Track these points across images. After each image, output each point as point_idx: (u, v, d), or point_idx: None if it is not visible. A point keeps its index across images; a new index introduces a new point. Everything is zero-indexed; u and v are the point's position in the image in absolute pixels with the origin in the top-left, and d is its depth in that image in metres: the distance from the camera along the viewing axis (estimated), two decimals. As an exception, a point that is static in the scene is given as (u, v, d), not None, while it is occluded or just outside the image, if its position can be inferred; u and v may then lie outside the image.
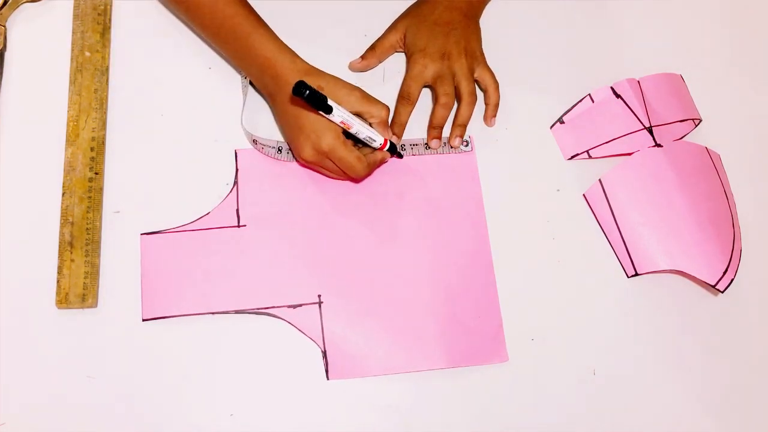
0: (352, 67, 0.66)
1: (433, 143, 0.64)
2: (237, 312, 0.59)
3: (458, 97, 0.65)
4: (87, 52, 0.65)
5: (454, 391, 0.60)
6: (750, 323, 0.66)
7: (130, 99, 0.64)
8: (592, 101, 0.68)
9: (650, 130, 0.67)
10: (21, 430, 0.56)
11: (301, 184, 0.63)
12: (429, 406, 0.60)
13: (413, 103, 0.64)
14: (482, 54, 0.66)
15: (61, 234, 0.60)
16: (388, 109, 0.60)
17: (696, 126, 0.70)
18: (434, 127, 0.64)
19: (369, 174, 0.61)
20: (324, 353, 0.59)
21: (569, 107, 0.69)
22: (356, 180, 0.62)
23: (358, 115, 0.59)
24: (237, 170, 0.62)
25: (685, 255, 0.63)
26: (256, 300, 0.59)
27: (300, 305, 0.60)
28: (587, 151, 0.68)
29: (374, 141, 0.60)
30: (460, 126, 0.65)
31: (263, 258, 0.61)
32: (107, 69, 0.65)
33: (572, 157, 0.68)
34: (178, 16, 0.66)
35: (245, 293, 0.59)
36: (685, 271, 0.63)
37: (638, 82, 0.69)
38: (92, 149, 0.62)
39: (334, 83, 0.58)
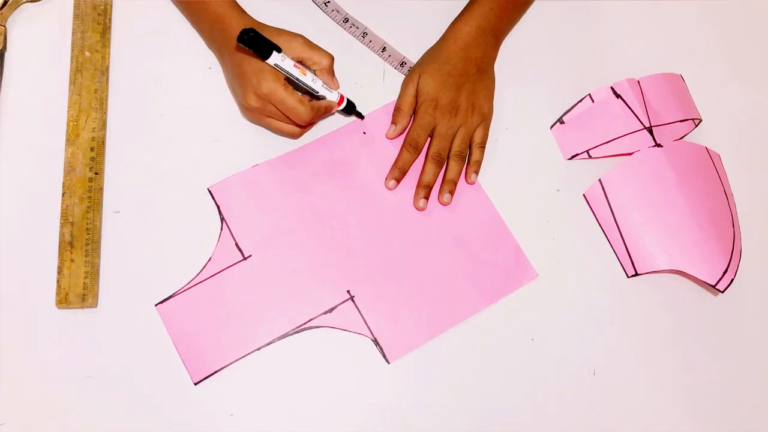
0: (389, 136, 0.65)
1: (421, 203, 0.63)
2: (279, 338, 0.59)
3: (449, 153, 0.64)
4: (87, 52, 0.65)
5: (453, 390, 0.60)
6: (750, 323, 0.66)
7: (130, 99, 0.64)
8: (592, 101, 0.68)
9: (650, 130, 0.67)
10: (21, 430, 0.56)
11: (283, 194, 0.63)
12: (429, 406, 0.60)
13: (419, 152, 0.64)
14: (491, 111, 0.66)
15: (61, 234, 0.60)
16: (332, 57, 0.61)
17: (696, 126, 0.70)
18: (424, 186, 0.64)
19: (314, 121, 0.62)
20: (375, 341, 0.60)
21: (569, 107, 0.69)
22: (301, 127, 0.61)
23: (300, 62, 0.59)
24: (218, 207, 0.62)
25: (685, 255, 0.63)
26: (292, 320, 0.60)
27: (334, 307, 0.60)
28: (587, 151, 0.68)
29: (329, 93, 0.61)
30: (449, 182, 0.64)
31: (281, 278, 0.61)
32: (107, 69, 0.65)
33: (572, 157, 0.68)
34: None
35: (279, 318, 0.60)
36: (685, 271, 0.63)
37: (638, 82, 0.69)
38: (92, 149, 0.62)
39: (277, 32, 0.59)
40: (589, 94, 0.69)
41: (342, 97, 0.62)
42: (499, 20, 0.67)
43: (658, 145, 0.66)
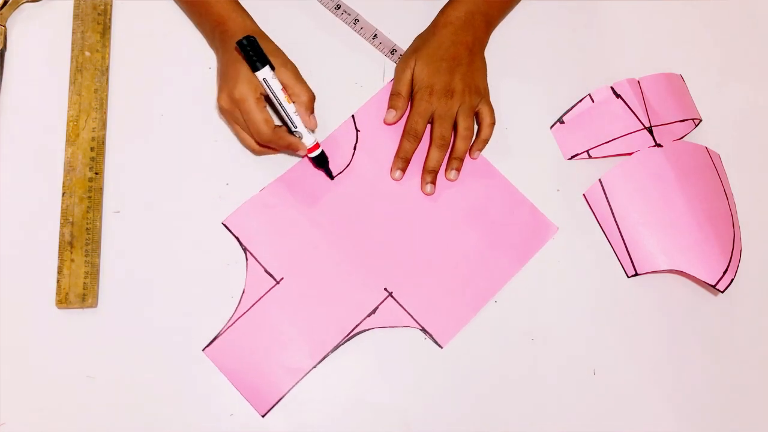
0: (388, 121, 0.66)
1: (428, 188, 0.64)
2: (333, 350, 0.59)
3: (455, 132, 0.65)
4: (87, 52, 0.65)
5: (453, 391, 0.60)
6: (750, 323, 0.66)
7: (130, 99, 0.64)
8: (592, 101, 0.68)
9: (650, 130, 0.67)
10: (21, 430, 0.56)
11: (297, 210, 0.63)
12: (429, 405, 0.60)
13: (419, 140, 0.64)
14: (486, 89, 0.66)
15: (61, 234, 0.60)
16: (313, 95, 0.60)
17: (696, 126, 0.70)
18: (429, 171, 0.64)
19: (272, 146, 0.60)
20: (423, 330, 0.61)
21: (569, 107, 0.69)
22: (258, 144, 0.60)
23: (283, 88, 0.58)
24: (237, 239, 0.62)
25: (685, 255, 0.63)
26: (340, 330, 0.60)
27: (377, 307, 0.61)
28: (587, 151, 0.68)
29: (306, 135, 0.60)
30: (456, 159, 0.64)
31: (318, 293, 0.61)
32: (107, 69, 0.65)
33: (572, 157, 0.68)
34: None
35: (326, 331, 0.60)
36: (685, 271, 0.63)
37: (638, 82, 0.69)
38: (92, 149, 0.62)
39: (273, 51, 0.59)
40: (589, 94, 0.69)
41: (317, 145, 0.61)
42: (489, 6, 0.66)
43: (658, 145, 0.66)
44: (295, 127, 0.59)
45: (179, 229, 0.61)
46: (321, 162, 0.62)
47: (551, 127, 0.69)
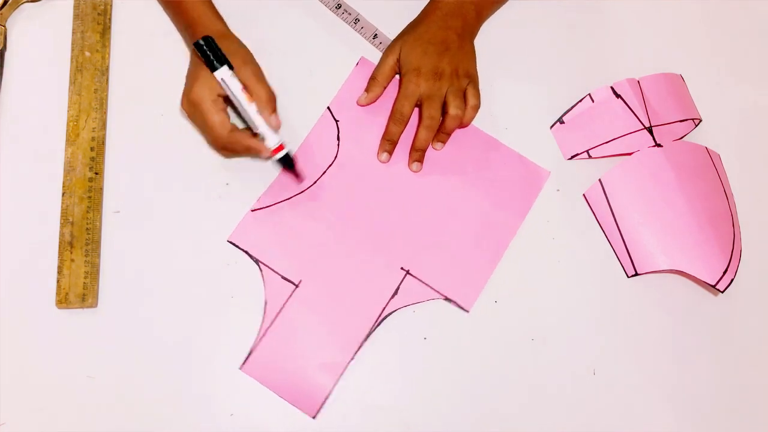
0: (360, 103, 0.66)
1: (414, 166, 0.65)
2: (365, 339, 0.60)
3: (444, 111, 0.64)
4: (87, 52, 0.65)
5: (453, 391, 0.60)
6: (750, 323, 0.66)
7: (130, 99, 0.64)
8: (592, 101, 0.68)
9: (650, 130, 0.67)
10: (21, 430, 0.56)
11: (297, 212, 0.63)
12: (429, 406, 0.60)
13: (406, 122, 0.64)
14: (476, 74, 0.66)
15: (61, 234, 0.60)
16: (274, 97, 0.58)
17: (696, 126, 0.70)
18: (416, 150, 0.64)
19: (229, 150, 0.59)
20: (446, 298, 0.62)
21: (569, 107, 0.69)
22: (215, 146, 0.59)
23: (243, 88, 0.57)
24: (247, 253, 0.61)
25: (685, 255, 0.63)
26: (368, 318, 0.61)
27: (398, 288, 0.62)
28: (587, 151, 0.68)
29: (269, 135, 0.58)
30: (443, 133, 0.65)
31: (339, 287, 0.61)
32: (107, 69, 0.65)
33: (572, 157, 0.68)
34: None
35: (355, 323, 0.60)
36: (685, 271, 0.63)
37: (638, 82, 0.69)
38: (92, 149, 0.62)
39: (235, 50, 0.58)
40: (589, 94, 0.69)
41: (282, 146, 0.59)
42: None
43: (658, 145, 0.66)
44: (257, 128, 0.58)
45: (179, 229, 0.61)
46: (287, 163, 0.61)
47: (551, 127, 0.69)
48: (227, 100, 0.58)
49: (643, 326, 0.64)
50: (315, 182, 0.64)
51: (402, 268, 0.62)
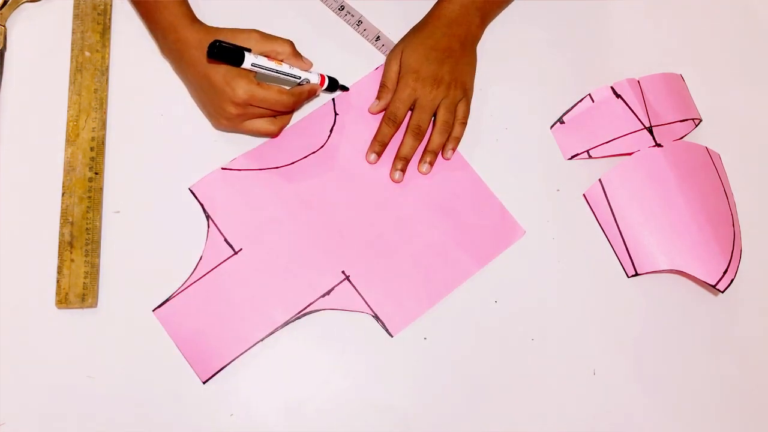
0: (372, 111, 0.66)
1: (396, 175, 0.64)
2: (281, 326, 0.59)
3: (433, 123, 0.64)
4: (87, 52, 0.65)
5: (453, 390, 0.60)
6: (750, 323, 0.66)
7: (130, 99, 0.64)
8: (592, 101, 0.68)
9: (650, 130, 0.67)
10: (21, 430, 0.56)
11: (266, 183, 0.63)
12: (429, 405, 0.60)
13: (398, 125, 0.64)
14: (471, 89, 0.66)
15: (61, 234, 0.60)
16: (291, 42, 0.59)
17: (696, 126, 0.70)
18: (401, 158, 0.64)
19: (298, 105, 0.61)
20: (376, 317, 0.61)
21: (569, 107, 0.69)
22: (287, 112, 0.61)
23: (264, 56, 0.58)
24: (202, 206, 0.62)
25: (685, 255, 0.63)
26: (291, 307, 0.60)
27: (332, 289, 0.61)
28: (587, 151, 0.68)
29: (309, 76, 0.61)
30: (430, 152, 0.64)
31: (275, 267, 0.61)
32: (107, 69, 0.65)
33: (572, 157, 0.68)
34: None
35: (278, 307, 0.60)
36: (685, 271, 0.63)
37: (638, 82, 0.69)
38: (92, 149, 0.62)
39: (232, 33, 0.58)
40: (589, 94, 0.69)
41: (323, 77, 0.62)
42: (485, 1, 0.66)
43: (658, 145, 0.66)
44: (299, 78, 0.60)
45: (179, 229, 0.61)
46: (333, 87, 0.63)
47: (551, 127, 0.69)
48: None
49: (643, 326, 0.64)
50: (293, 163, 0.64)
51: (343, 272, 0.61)
